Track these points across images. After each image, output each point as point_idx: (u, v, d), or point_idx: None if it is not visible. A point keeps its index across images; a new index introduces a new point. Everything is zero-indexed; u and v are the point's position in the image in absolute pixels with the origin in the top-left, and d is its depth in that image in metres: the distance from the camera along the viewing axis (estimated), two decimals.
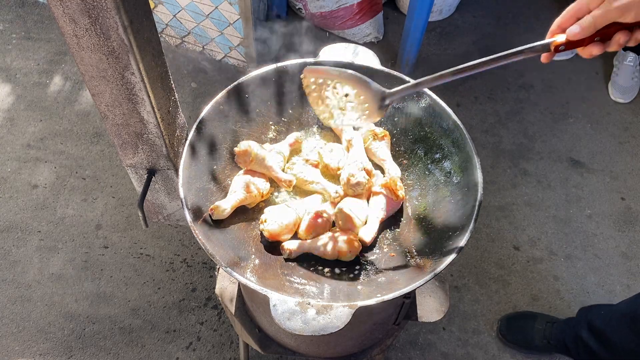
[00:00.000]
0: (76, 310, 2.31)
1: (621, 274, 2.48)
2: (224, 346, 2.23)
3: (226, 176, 1.36)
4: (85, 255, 2.45)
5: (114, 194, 2.65)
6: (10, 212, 2.57)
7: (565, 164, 2.84)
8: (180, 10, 2.96)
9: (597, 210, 2.68)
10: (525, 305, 2.37)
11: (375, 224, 1.27)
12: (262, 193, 1.29)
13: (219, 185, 1.33)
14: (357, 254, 1.22)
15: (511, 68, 3.22)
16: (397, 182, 1.29)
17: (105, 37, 1.14)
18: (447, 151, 1.35)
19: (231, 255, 1.15)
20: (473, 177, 1.24)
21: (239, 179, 1.30)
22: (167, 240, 2.50)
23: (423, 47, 3.23)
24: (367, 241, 1.24)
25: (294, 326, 0.99)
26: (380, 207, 1.29)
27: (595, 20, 0.85)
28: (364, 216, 1.28)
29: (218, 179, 1.34)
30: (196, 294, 2.36)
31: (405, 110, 1.44)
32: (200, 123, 1.30)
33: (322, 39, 3.28)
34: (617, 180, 2.79)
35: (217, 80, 3.07)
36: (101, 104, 1.34)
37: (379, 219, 1.28)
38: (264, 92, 1.45)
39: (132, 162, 1.53)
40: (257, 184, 1.29)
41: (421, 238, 1.28)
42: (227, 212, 1.24)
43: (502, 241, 2.56)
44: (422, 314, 1.47)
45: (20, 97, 2.99)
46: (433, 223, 1.29)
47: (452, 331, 2.30)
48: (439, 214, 1.30)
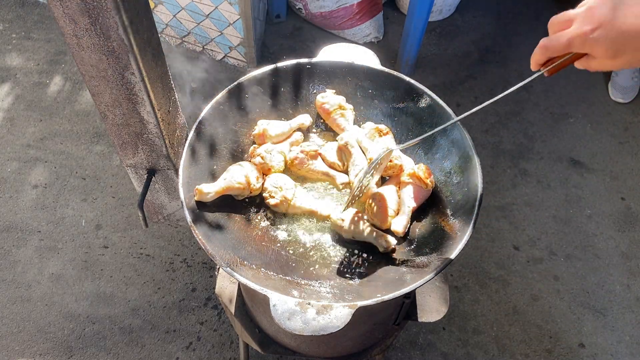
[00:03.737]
0: (76, 310, 2.30)
1: (621, 274, 2.48)
2: (224, 346, 2.23)
3: None
4: (85, 255, 2.45)
5: (114, 194, 2.65)
6: (10, 212, 2.57)
7: (565, 164, 2.84)
8: (180, 10, 2.96)
9: (597, 210, 2.68)
10: (525, 305, 2.37)
11: (407, 215, 1.26)
12: (251, 186, 1.28)
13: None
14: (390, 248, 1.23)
15: (511, 67, 3.22)
16: (424, 169, 1.29)
17: (105, 37, 1.14)
18: (447, 151, 1.35)
19: (231, 255, 1.14)
20: (473, 177, 1.24)
21: (234, 168, 1.30)
22: (167, 240, 2.50)
23: (423, 47, 3.23)
24: (401, 232, 1.24)
25: (294, 326, 0.99)
26: (410, 197, 1.28)
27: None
28: (396, 206, 1.28)
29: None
30: (196, 294, 2.36)
31: (405, 111, 1.44)
32: (200, 123, 1.30)
33: (322, 38, 3.28)
34: (617, 180, 2.79)
35: (217, 80, 3.07)
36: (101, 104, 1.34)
37: (410, 209, 1.27)
38: (264, 92, 1.45)
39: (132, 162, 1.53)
40: (250, 176, 1.28)
41: (421, 238, 1.27)
42: (211, 196, 1.23)
43: (502, 241, 2.56)
44: (422, 314, 1.47)
45: (20, 97, 2.99)
46: (433, 223, 1.29)
47: (452, 331, 2.30)
48: (439, 214, 1.30)
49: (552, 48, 0.85)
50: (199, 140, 1.29)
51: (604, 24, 0.78)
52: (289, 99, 1.48)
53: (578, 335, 2.32)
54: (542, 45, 0.86)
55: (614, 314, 2.37)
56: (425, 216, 1.31)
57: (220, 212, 1.26)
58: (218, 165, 1.34)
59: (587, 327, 2.34)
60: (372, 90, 1.47)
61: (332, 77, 1.48)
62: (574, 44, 0.82)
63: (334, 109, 1.41)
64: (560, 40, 0.83)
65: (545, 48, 0.86)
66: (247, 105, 1.43)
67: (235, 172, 1.28)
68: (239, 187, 1.26)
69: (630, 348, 2.29)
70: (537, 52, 0.88)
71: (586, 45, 0.81)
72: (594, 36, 0.79)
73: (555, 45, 0.84)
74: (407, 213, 1.26)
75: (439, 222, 1.28)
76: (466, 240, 1.13)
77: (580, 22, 0.81)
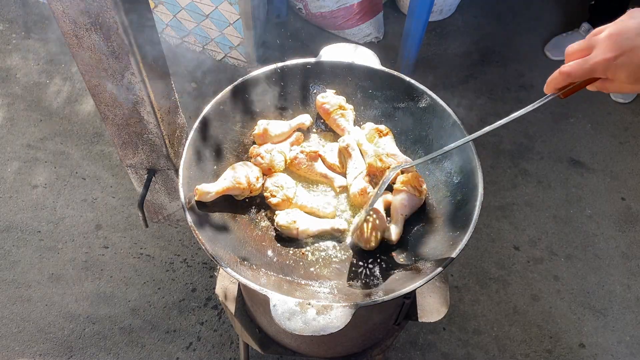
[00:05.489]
0: (76, 310, 2.30)
1: (621, 274, 2.48)
2: (224, 346, 2.23)
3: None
4: (85, 255, 2.45)
5: (114, 194, 2.64)
6: (10, 212, 2.57)
7: (566, 164, 2.84)
8: (181, 10, 2.95)
9: (598, 210, 2.68)
10: (526, 305, 2.37)
11: (401, 223, 1.26)
12: (252, 186, 1.28)
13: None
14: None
15: (511, 67, 3.22)
16: (419, 177, 1.29)
17: (105, 38, 1.14)
18: (447, 151, 1.35)
19: (231, 255, 1.14)
20: (473, 177, 1.23)
21: (235, 168, 1.29)
22: (167, 240, 2.50)
23: (423, 47, 3.23)
24: (395, 240, 1.24)
25: (294, 326, 0.98)
26: (404, 205, 1.27)
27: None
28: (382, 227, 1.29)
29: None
30: (196, 294, 2.35)
31: (405, 111, 1.44)
32: (200, 123, 1.29)
33: (323, 38, 3.28)
34: (618, 180, 2.79)
35: (217, 80, 3.07)
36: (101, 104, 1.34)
37: (403, 217, 1.27)
38: (264, 92, 1.44)
39: (132, 162, 1.53)
40: (250, 176, 1.28)
41: (421, 238, 1.27)
42: (212, 196, 1.22)
43: (503, 241, 2.56)
44: (422, 314, 1.47)
45: (20, 97, 2.99)
46: (433, 223, 1.29)
47: (453, 331, 2.29)
48: (439, 214, 1.30)
49: (574, 74, 0.89)
50: (199, 140, 1.29)
51: (627, 52, 0.82)
52: (289, 99, 1.48)
53: (578, 335, 2.32)
54: (565, 72, 0.90)
55: (615, 314, 2.37)
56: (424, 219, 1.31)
57: (220, 212, 1.26)
58: (218, 165, 1.34)
59: (588, 327, 2.34)
60: (373, 90, 1.47)
61: (332, 77, 1.48)
62: (596, 70, 0.85)
63: (334, 109, 1.41)
64: (583, 66, 0.87)
65: (568, 74, 0.89)
66: (247, 105, 1.42)
67: (235, 172, 1.27)
68: (239, 187, 1.26)
69: (630, 348, 2.28)
70: (557, 77, 0.92)
71: (609, 71, 0.84)
72: (618, 62, 0.83)
73: (577, 71, 0.88)
74: (401, 221, 1.26)
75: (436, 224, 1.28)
76: (466, 240, 1.12)
77: (603, 49, 0.84)
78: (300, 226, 1.24)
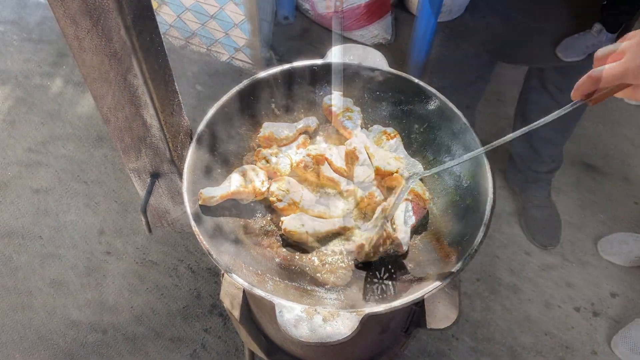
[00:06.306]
0: (78, 317, 2.27)
1: (636, 281, 2.42)
2: (229, 354, 2.19)
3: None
4: (87, 261, 2.42)
5: (117, 198, 2.61)
6: (12, 217, 2.54)
7: (578, 168, 2.79)
8: (185, 10, 2.93)
9: (611, 215, 2.63)
10: (538, 313, 2.32)
11: (408, 232, 1.23)
12: (256, 190, 1.26)
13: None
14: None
15: (521, 69, 3.17)
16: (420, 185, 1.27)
17: (107, 39, 1.12)
18: (456, 155, 1.32)
19: (236, 260, 1.12)
20: (484, 181, 1.20)
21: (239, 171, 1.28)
22: (171, 246, 2.47)
23: (432, 47, 3.20)
24: (404, 250, 1.21)
25: (300, 333, 0.96)
26: (409, 214, 1.26)
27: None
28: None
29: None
30: (201, 300, 2.32)
31: (414, 113, 1.41)
32: (204, 126, 1.27)
33: (330, 40, 3.25)
34: (632, 184, 2.74)
35: (222, 83, 3.04)
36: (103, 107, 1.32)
37: (409, 225, 1.25)
38: (270, 95, 1.42)
39: (135, 167, 1.51)
40: (255, 180, 1.26)
41: (430, 244, 1.24)
42: (216, 200, 1.20)
43: (514, 247, 2.51)
44: (430, 321, 1.44)
45: (21, 100, 2.97)
46: (443, 228, 1.26)
47: (464, 339, 2.25)
48: (449, 218, 1.27)
49: (604, 79, 0.87)
50: (203, 144, 1.26)
51: None
52: (295, 101, 1.46)
53: (592, 343, 2.26)
54: (594, 77, 0.87)
55: (628, 321, 2.32)
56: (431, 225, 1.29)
57: (225, 216, 1.24)
58: (223, 169, 1.32)
59: (601, 335, 2.29)
60: (380, 92, 1.44)
61: (339, 79, 1.45)
62: (627, 76, 0.84)
63: (341, 111, 1.39)
64: (613, 72, 0.85)
65: (597, 79, 0.87)
66: (252, 107, 1.40)
67: (240, 175, 1.26)
68: (244, 191, 1.24)
69: None
70: (585, 82, 0.89)
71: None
72: None
73: (607, 77, 0.86)
74: (408, 230, 1.24)
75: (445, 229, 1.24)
76: (477, 246, 1.09)
77: (634, 55, 0.83)
78: (309, 230, 1.21)
